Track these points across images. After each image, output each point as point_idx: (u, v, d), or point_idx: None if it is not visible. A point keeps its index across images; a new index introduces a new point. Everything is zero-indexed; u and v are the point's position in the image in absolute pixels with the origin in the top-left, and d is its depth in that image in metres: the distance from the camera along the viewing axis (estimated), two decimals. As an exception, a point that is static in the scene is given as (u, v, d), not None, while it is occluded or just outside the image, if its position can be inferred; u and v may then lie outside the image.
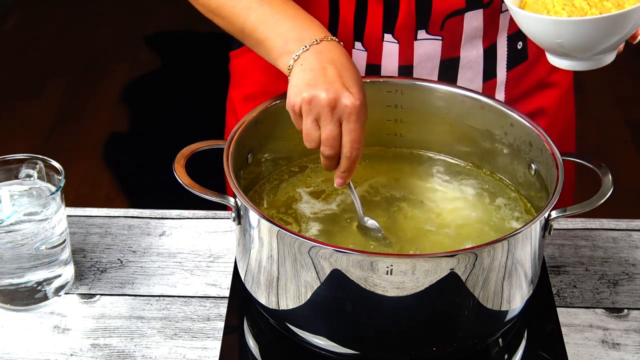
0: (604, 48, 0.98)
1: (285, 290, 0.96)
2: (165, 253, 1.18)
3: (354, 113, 0.97)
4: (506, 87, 1.25)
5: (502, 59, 1.23)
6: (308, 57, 1.00)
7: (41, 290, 1.09)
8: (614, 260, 1.17)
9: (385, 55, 1.19)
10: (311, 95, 0.98)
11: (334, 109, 0.97)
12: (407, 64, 1.19)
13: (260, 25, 1.05)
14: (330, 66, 0.99)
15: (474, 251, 0.91)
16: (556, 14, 0.98)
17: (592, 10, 0.97)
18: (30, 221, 1.04)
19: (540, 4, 1.00)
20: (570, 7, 0.98)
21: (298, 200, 1.12)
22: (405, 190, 1.14)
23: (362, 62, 1.19)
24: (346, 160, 1.00)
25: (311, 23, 1.04)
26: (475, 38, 1.20)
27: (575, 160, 1.05)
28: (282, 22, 1.04)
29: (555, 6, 0.99)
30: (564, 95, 1.33)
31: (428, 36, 1.17)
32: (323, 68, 0.99)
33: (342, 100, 0.97)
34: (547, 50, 1.01)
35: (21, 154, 1.09)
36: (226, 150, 1.02)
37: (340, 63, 1.00)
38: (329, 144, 0.99)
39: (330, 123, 0.98)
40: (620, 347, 1.05)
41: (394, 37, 1.17)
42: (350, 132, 0.98)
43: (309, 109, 0.98)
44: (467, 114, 1.14)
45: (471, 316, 0.96)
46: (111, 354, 1.04)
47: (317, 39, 1.01)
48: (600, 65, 1.01)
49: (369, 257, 0.90)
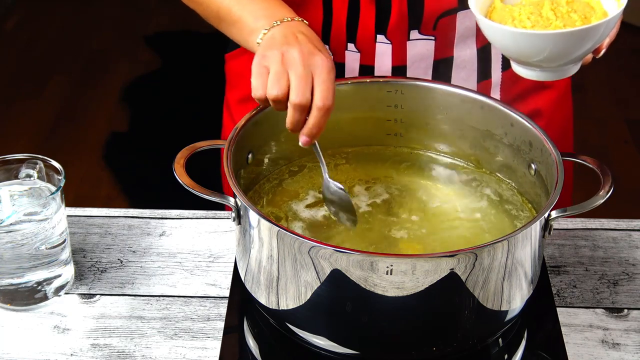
0: (567, 60, 0.98)
1: (285, 290, 0.96)
2: (165, 253, 1.18)
3: (326, 68, 0.96)
4: (501, 88, 1.25)
5: (496, 59, 1.23)
6: (279, 29, 1.01)
7: (41, 290, 1.09)
8: (614, 260, 1.17)
9: (378, 56, 1.19)
10: (284, 49, 0.97)
11: (307, 61, 0.96)
12: (400, 65, 1.19)
13: (234, 6, 1.07)
14: (301, 35, 1.00)
15: (474, 251, 0.91)
16: (520, 24, 0.98)
17: (557, 22, 0.97)
18: (30, 221, 1.04)
19: (507, 12, 1.00)
20: (536, 16, 0.98)
21: (298, 200, 1.12)
22: (404, 190, 1.14)
23: (355, 63, 1.20)
24: (317, 111, 0.96)
25: (282, 6, 1.06)
26: (468, 38, 1.20)
27: (575, 160, 1.05)
28: (255, 2, 1.06)
29: (521, 14, 0.99)
30: (560, 97, 1.32)
31: (421, 36, 1.18)
32: (294, 34, 0.99)
33: (315, 56, 0.97)
34: (511, 60, 1.02)
35: (21, 154, 1.09)
36: (226, 150, 1.02)
37: (310, 35, 1.01)
38: (300, 87, 0.95)
39: (303, 69, 0.96)
40: (620, 347, 1.05)
41: (387, 37, 1.17)
42: (323, 82, 0.96)
43: (280, 60, 0.96)
44: (467, 114, 1.14)
45: (471, 316, 0.96)
46: (111, 354, 1.04)
47: (288, 18, 1.03)
48: (564, 77, 1.01)
49: (369, 257, 0.90)
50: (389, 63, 1.19)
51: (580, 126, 1.41)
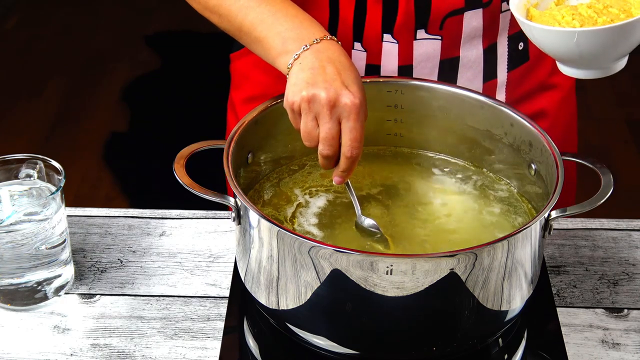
0: (619, 54, 0.98)
1: (285, 290, 0.96)
2: (165, 253, 1.18)
3: (354, 112, 0.97)
4: (507, 88, 1.25)
5: (502, 59, 1.23)
6: (307, 56, 1.00)
7: (41, 290, 1.09)
8: (614, 260, 1.17)
9: (384, 56, 1.19)
10: (311, 93, 0.97)
11: (334, 107, 0.97)
12: (406, 64, 1.19)
13: (259, 25, 1.05)
14: (330, 65, 0.99)
15: (474, 251, 0.91)
16: (568, 25, 0.98)
17: (603, 18, 0.97)
18: (30, 221, 1.04)
19: (547, 16, 1.00)
20: (579, 16, 0.98)
21: (298, 199, 1.12)
22: (404, 190, 1.14)
23: (361, 63, 1.19)
24: (346, 160, 0.99)
25: (310, 23, 1.04)
26: (475, 38, 1.20)
27: (575, 160, 1.05)
28: (281, 21, 1.04)
29: (565, 17, 0.98)
30: (565, 97, 1.32)
31: (427, 36, 1.17)
32: (322, 67, 0.99)
33: (342, 99, 0.97)
34: (563, 61, 1.01)
35: (21, 154, 1.09)
36: (226, 150, 1.02)
37: (339, 62, 1.00)
38: (327, 142, 0.99)
39: (330, 121, 0.98)
40: (620, 347, 1.05)
41: (393, 37, 1.17)
42: (351, 131, 0.98)
43: (308, 107, 0.98)
44: (467, 114, 1.14)
45: (471, 316, 0.96)
46: (111, 354, 1.04)
47: (317, 39, 1.01)
48: (612, 72, 1.00)
49: (369, 257, 0.90)
50: (395, 63, 1.19)
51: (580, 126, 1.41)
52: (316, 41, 1.01)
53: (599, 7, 0.99)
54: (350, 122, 0.97)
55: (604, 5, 0.99)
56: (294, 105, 0.99)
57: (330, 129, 0.98)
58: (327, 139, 0.98)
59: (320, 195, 1.12)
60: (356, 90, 0.98)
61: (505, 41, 1.22)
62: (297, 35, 1.02)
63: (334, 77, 0.98)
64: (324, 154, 0.99)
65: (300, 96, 0.98)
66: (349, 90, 0.97)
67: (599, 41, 0.95)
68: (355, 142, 0.98)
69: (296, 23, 1.03)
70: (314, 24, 1.04)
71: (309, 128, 0.99)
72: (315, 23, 1.04)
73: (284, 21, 1.04)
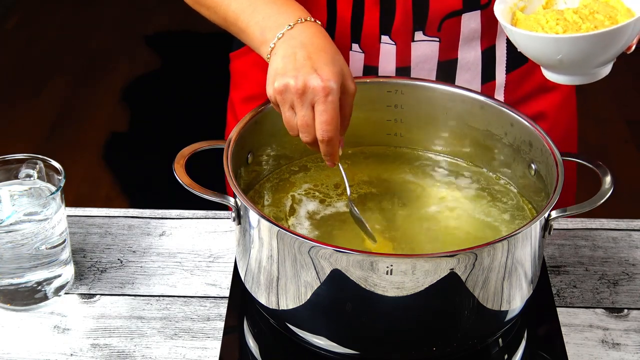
0: (602, 61, 0.97)
1: (285, 290, 0.96)
2: (165, 253, 1.18)
3: (322, 94, 0.96)
4: (505, 90, 1.25)
5: (501, 61, 1.23)
6: (281, 45, 1.00)
7: (41, 290, 1.09)
8: (614, 260, 1.17)
9: (382, 57, 1.19)
10: (281, 84, 0.98)
11: (304, 94, 0.97)
12: (404, 66, 1.19)
13: (240, 14, 1.06)
14: (301, 50, 0.99)
15: (474, 251, 0.91)
16: (551, 30, 0.97)
17: (587, 25, 0.97)
18: (30, 221, 1.04)
19: (532, 21, 1.00)
20: (563, 21, 0.98)
21: (298, 199, 1.12)
22: (404, 190, 1.14)
23: (359, 64, 1.19)
24: (321, 144, 0.99)
25: (287, 7, 1.04)
26: (473, 39, 1.19)
27: (575, 160, 1.05)
28: (259, 9, 1.04)
29: (549, 22, 0.98)
30: (564, 99, 1.32)
31: (425, 37, 1.17)
32: (293, 54, 0.99)
33: (310, 84, 0.96)
34: (545, 67, 1.01)
35: (21, 154, 1.09)
36: (226, 150, 1.02)
37: (312, 45, 1.00)
38: (305, 130, 0.98)
39: (303, 108, 0.97)
40: (620, 347, 1.05)
41: (391, 38, 1.17)
42: (321, 114, 0.97)
43: (282, 98, 0.98)
44: (467, 114, 1.14)
45: (471, 316, 0.96)
46: (111, 354, 1.04)
47: (290, 24, 1.01)
48: (597, 79, 1.00)
49: (369, 257, 0.90)
50: (393, 64, 1.19)
51: (580, 126, 1.41)
52: (289, 27, 1.01)
53: (585, 12, 0.98)
54: (320, 105, 0.97)
55: (590, 11, 0.98)
56: (271, 98, 1.00)
57: (304, 116, 0.98)
58: (303, 126, 0.98)
59: (320, 195, 1.12)
60: (327, 72, 0.97)
61: (504, 43, 1.22)
62: (273, 23, 1.02)
63: (304, 62, 0.98)
64: (305, 141, 0.99)
65: (274, 88, 0.98)
66: (317, 74, 0.97)
67: (579, 48, 0.94)
68: (325, 125, 0.97)
69: (274, 10, 1.04)
70: (291, 7, 1.03)
71: (288, 118, 0.99)
72: (292, 6, 1.04)
73: (262, 9, 1.04)
